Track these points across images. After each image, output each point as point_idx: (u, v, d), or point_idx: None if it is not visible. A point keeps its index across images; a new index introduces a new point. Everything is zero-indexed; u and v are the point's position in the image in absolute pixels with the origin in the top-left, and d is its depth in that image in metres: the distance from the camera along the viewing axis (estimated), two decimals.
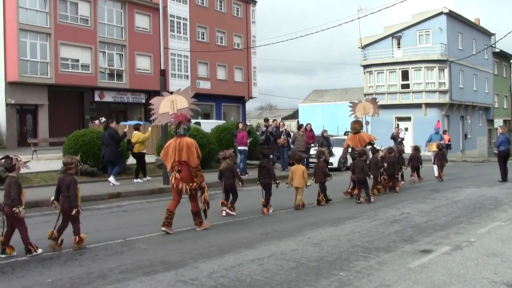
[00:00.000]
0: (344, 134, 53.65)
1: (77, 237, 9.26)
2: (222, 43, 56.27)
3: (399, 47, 53.64)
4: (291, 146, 25.21)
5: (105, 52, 44.33)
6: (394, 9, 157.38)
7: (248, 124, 28.82)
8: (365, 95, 54.91)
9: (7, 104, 37.71)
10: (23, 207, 8.73)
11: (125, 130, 19.76)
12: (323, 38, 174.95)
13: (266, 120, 26.62)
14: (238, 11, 59.43)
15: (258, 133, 24.83)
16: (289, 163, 22.03)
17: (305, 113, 72.53)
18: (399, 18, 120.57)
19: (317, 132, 30.13)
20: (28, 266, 8.19)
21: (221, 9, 56.77)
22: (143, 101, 48.28)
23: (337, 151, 25.94)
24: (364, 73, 54.92)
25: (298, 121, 60.26)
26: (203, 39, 54.15)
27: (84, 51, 42.40)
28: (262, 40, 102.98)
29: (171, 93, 12.18)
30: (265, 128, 25.01)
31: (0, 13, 38.01)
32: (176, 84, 49.34)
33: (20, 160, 9.17)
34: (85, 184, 17.00)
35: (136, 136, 19.68)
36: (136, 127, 20.42)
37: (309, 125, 26.62)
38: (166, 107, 11.73)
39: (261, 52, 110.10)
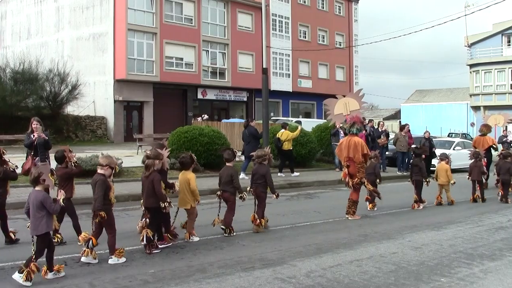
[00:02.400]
0: (448, 136, 52.12)
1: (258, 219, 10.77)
2: (323, 41, 55.96)
3: (509, 45, 51.44)
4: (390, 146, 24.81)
5: (208, 50, 45.19)
6: (505, 5, 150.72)
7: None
8: (470, 95, 53.13)
9: (115, 101, 39.28)
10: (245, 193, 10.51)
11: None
12: (427, 36, 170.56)
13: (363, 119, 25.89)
14: (340, 9, 58.90)
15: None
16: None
17: (407, 114, 70.79)
18: (510, 14, 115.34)
19: (420, 133, 29.36)
20: (133, 256, 8.49)
21: (323, 8, 56.48)
22: (245, 99, 48.88)
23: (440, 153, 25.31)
24: (470, 72, 53.10)
25: (400, 122, 59.07)
26: (305, 37, 54.09)
27: (188, 49, 43.44)
28: (364, 38, 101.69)
29: (344, 96, 13.60)
30: None
31: (110, 14, 39.66)
32: (278, 82, 49.64)
33: (237, 152, 10.82)
34: None
35: (284, 134, 21.02)
36: (284, 126, 21.74)
37: (407, 126, 25.92)
38: (340, 108, 13.10)
39: (363, 51, 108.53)
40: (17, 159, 11.77)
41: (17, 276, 6.94)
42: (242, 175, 18.72)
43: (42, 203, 7.13)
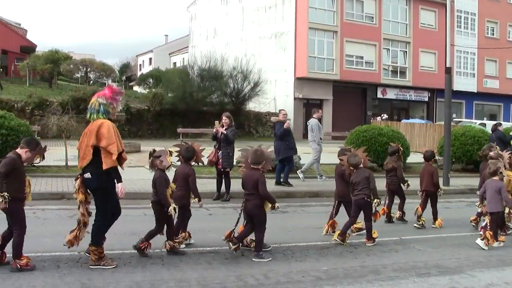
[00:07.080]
0: None
1: None
2: None
3: None
4: None
5: (389, 49, 44.54)
6: None
7: None
8: None
9: (295, 98, 40.08)
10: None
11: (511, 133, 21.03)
12: None
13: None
14: None
15: None
16: None
17: None
18: None
19: None
20: (307, 252, 8.62)
21: None
22: (426, 99, 47.54)
23: None
24: None
25: None
26: (492, 34, 51.25)
27: (369, 48, 43.13)
28: None
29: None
30: None
31: (292, 13, 40.51)
32: (461, 82, 47.65)
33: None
34: None
35: None
36: None
37: None
38: None
39: None
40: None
41: (480, 242, 9.27)
42: None
43: (500, 190, 9.32)
